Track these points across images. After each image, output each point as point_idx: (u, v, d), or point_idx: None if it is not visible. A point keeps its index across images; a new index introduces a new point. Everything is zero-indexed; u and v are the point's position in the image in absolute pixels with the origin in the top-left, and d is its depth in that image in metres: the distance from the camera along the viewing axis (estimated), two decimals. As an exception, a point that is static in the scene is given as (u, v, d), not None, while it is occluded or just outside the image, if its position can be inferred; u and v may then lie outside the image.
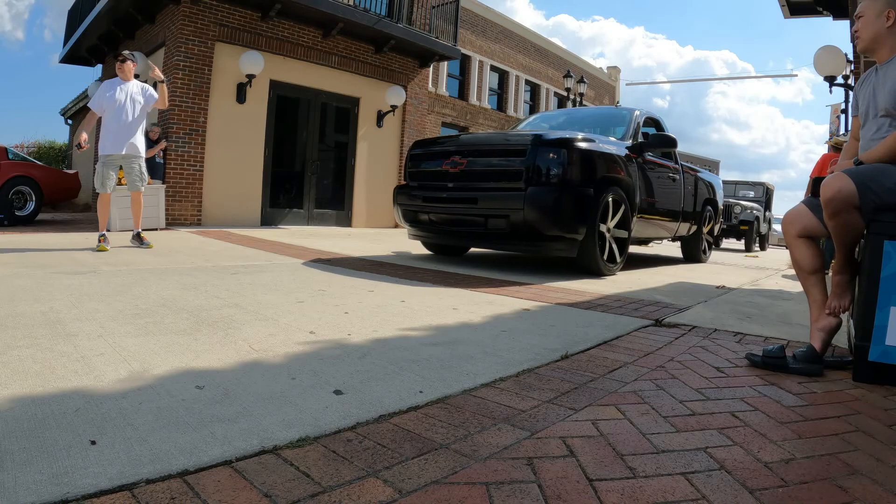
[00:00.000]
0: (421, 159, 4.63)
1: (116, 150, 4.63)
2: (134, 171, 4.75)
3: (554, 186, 3.79)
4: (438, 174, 4.36)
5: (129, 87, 4.71)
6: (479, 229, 4.08)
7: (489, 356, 1.78)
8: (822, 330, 1.84)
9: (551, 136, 4.00)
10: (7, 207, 7.26)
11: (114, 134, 4.62)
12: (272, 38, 8.59)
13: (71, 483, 0.87)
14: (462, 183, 4.15)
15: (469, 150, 4.28)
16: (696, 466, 1.06)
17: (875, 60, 1.93)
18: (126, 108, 4.63)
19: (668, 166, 5.44)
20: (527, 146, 3.91)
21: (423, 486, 0.94)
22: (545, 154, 3.84)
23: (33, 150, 16.48)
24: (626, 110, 5.40)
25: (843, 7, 7.03)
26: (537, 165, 3.82)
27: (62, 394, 1.25)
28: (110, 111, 4.61)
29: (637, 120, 5.12)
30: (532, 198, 3.75)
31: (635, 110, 5.29)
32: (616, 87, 22.58)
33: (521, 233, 3.87)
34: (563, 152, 3.82)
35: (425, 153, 4.61)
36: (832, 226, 1.76)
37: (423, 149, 4.67)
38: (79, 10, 11.27)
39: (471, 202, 4.03)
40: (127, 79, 4.73)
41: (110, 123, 4.62)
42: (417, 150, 4.71)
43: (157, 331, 1.86)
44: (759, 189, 13.36)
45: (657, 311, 2.76)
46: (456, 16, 11.18)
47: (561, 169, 3.80)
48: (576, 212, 3.84)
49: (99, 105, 4.63)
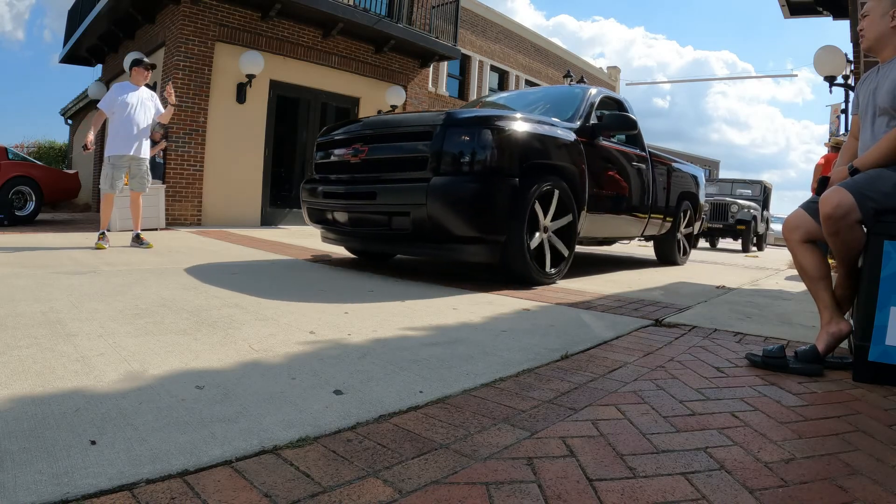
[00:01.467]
0: (326, 148, 3.91)
1: (126, 150, 4.72)
2: (141, 172, 4.86)
3: (466, 175, 3.10)
4: (341, 165, 3.70)
5: (141, 92, 4.86)
6: (382, 230, 3.39)
7: (489, 356, 1.78)
8: (831, 335, 1.83)
9: (463, 114, 3.31)
10: (7, 207, 7.26)
11: (123, 136, 4.72)
12: (272, 38, 8.59)
13: (71, 483, 0.87)
14: (363, 174, 3.50)
15: (371, 135, 3.54)
16: (696, 466, 1.06)
17: (878, 60, 1.93)
18: (138, 112, 4.76)
19: (632, 154, 4.69)
20: (434, 128, 3.21)
21: (423, 486, 0.94)
22: (456, 136, 3.14)
23: (33, 150, 16.48)
24: (579, 88, 4.66)
25: (843, 7, 7.03)
26: (446, 150, 3.13)
27: (62, 394, 1.25)
28: (121, 114, 4.72)
29: (591, 99, 4.31)
30: (437, 190, 3.06)
31: (591, 88, 4.53)
32: (616, 86, 22.57)
33: (427, 233, 3.17)
34: (479, 134, 3.13)
35: (330, 141, 3.86)
36: (832, 242, 1.76)
37: (328, 136, 3.94)
38: (79, 10, 11.26)
39: (369, 197, 3.37)
40: (140, 84, 4.89)
41: (120, 126, 4.72)
42: (323, 138, 3.99)
43: (156, 331, 1.86)
44: (757, 188, 13.13)
45: (657, 311, 2.76)
46: (456, 16, 11.18)
47: (475, 154, 3.11)
48: (495, 207, 3.13)
49: (110, 106, 4.73)
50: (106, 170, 4.75)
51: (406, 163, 3.31)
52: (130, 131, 4.71)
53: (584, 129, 4.00)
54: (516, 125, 3.35)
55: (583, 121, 4.06)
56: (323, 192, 3.74)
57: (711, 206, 11.83)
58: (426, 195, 3.07)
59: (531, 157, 3.37)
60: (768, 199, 13.46)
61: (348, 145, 3.60)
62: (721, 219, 11.62)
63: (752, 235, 11.55)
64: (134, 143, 4.74)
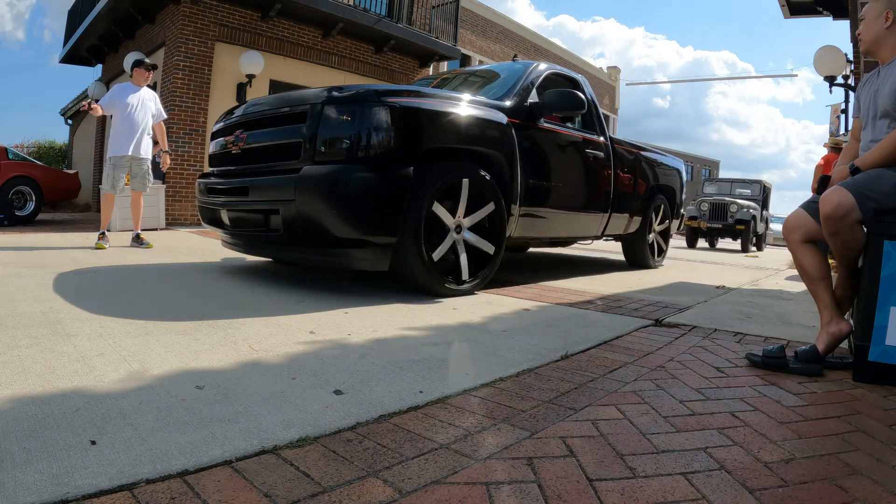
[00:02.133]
0: (216, 136, 3.42)
1: (127, 150, 4.74)
2: (142, 172, 4.87)
3: (344, 164, 2.57)
4: (224, 156, 3.24)
5: (143, 92, 4.88)
6: (260, 231, 2.88)
7: (489, 356, 1.78)
8: (831, 335, 1.83)
9: (343, 91, 2.72)
10: (7, 207, 7.26)
11: (124, 136, 4.74)
12: (272, 38, 8.59)
13: (71, 483, 0.87)
14: (241, 166, 3.06)
15: (251, 120, 3.06)
16: (696, 466, 1.06)
17: (878, 62, 1.94)
18: (139, 112, 4.79)
19: (588, 140, 4.05)
20: (311, 107, 2.67)
21: (423, 486, 0.94)
22: (333, 117, 2.61)
23: (33, 150, 16.48)
24: (522, 64, 4.01)
25: (843, 7, 7.04)
26: (321, 134, 2.61)
27: (62, 394, 1.25)
28: (122, 113, 4.74)
29: (532, 76, 3.69)
30: (307, 182, 2.55)
31: (538, 64, 3.91)
32: (616, 87, 22.57)
33: (300, 234, 2.65)
34: (361, 113, 2.59)
35: (220, 128, 3.38)
36: (832, 242, 1.76)
37: (219, 123, 3.46)
38: (79, 10, 11.27)
39: (243, 193, 2.91)
40: (142, 85, 4.91)
41: (121, 126, 4.75)
42: (216, 125, 3.49)
43: (156, 331, 1.86)
44: (756, 187, 13.06)
45: (657, 311, 2.76)
46: (456, 16, 11.19)
47: (355, 138, 2.57)
48: (380, 202, 2.58)
49: (110, 105, 4.76)
50: (107, 170, 4.78)
51: (281, 150, 2.81)
52: (131, 131, 4.73)
53: (519, 110, 3.39)
54: (413, 102, 2.76)
55: (517, 99, 3.44)
56: (207, 188, 3.29)
57: (710, 205, 11.82)
58: (295, 189, 2.58)
59: (434, 140, 2.80)
60: (768, 198, 13.40)
61: (231, 132, 3.15)
62: (720, 219, 11.59)
63: (751, 235, 11.51)
64: (134, 143, 4.75)
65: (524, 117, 3.40)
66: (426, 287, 2.79)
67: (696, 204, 12.07)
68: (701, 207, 11.86)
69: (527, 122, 3.41)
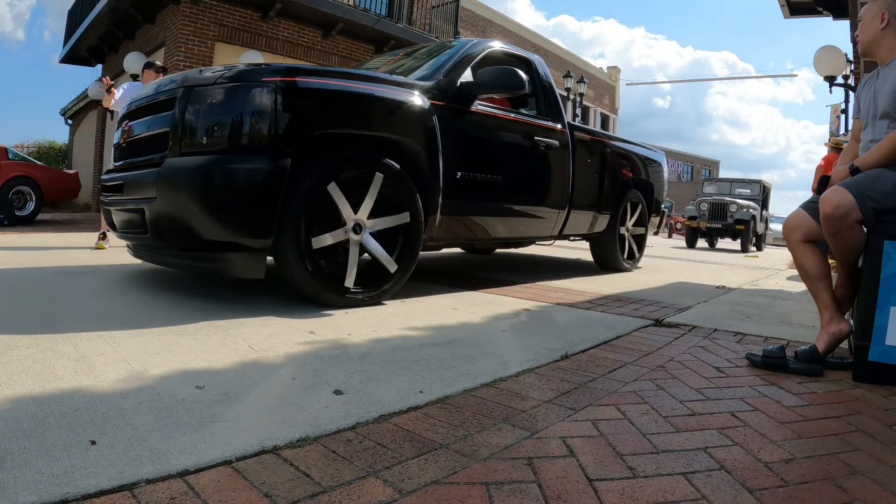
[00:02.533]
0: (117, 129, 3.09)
1: None
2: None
3: (210, 155, 2.24)
4: (116, 149, 2.95)
5: None
6: (137, 233, 2.56)
7: (489, 356, 1.78)
8: (831, 335, 1.83)
9: (217, 71, 2.41)
10: (7, 207, 7.27)
11: None
12: (272, 38, 8.60)
13: (71, 483, 0.87)
14: (123, 161, 2.77)
15: (134, 109, 2.76)
16: (696, 466, 1.06)
17: (877, 62, 1.94)
18: None
19: (538, 126, 3.52)
20: (179, 93, 2.36)
21: (423, 486, 0.94)
22: (199, 102, 2.30)
23: (33, 150, 16.50)
24: (459, 41, 3.49)
25: (843, 7, 7.04)
26: (187, 121, 2.30)
27: (62, 394, 1.25)
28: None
29: (466, 52, 3.20)
30: (167, 177, 2.26)
31: (479, 42, 3.40)
32: (616, 87, 22.58)
33: (167, 237, 2.37)
34: (227, 96, 2.26)
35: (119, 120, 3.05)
36: (832, 242, 1.76)
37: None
38: (79, 10, 11.27)
39: (118, 191, 2.64)
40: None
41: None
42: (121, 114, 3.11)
43: (156, 331, 1.86)
44: (756, 187, 13.04)
45: (657, 311, 2.76)
46: (456, 16, 11.19)
47: (219, 124, 2.25)
48: (248, 198, 2.21)
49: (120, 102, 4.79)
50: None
51: (153, 142, 2.50)
52: None
53: (446, 90, 2.93)
54: (303, 81, 2.35)
55: (444, 78, 2.96)
56: (102, 186, 2.97)
57: (710, 205, 11.82)
58: (155, 185, 2.30)
59: (324, 126, 2.40)
60: (767, 198, 13.40)
61: (122, 123, 2.87)
62: (720, 219, 11.59)
63: (751, 235, 11.51)
64: None
65: (452, 99, 2.94)
66: (312, 292, 2.39)
67: (696, 204, 12.07)
68: (700, 207, 11.85)
69: (455, 105, 2.94)
